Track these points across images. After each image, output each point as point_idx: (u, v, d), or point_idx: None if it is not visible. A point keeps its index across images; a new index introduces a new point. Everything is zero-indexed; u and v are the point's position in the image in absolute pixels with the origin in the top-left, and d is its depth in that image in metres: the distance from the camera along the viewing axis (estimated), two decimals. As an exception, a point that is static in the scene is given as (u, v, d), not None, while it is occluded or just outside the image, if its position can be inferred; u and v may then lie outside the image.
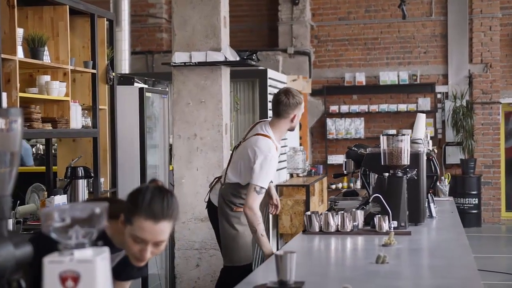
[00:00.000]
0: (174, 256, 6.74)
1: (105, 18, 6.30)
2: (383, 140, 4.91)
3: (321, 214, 4.72)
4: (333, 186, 13.48)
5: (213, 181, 5.34)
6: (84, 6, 5.88)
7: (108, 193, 6.32)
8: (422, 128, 6.22)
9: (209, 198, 5.28)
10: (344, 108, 13.87)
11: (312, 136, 14.09)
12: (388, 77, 13.73)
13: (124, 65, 10.85)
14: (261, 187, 4.87)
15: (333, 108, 13.91)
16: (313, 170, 11.42)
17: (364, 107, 13.79)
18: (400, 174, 4.89)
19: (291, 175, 10.90)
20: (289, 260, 3.03)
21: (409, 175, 4.98)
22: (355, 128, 13.82)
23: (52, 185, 5.99)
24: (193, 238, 6.64)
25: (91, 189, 6.00)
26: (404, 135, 4.92)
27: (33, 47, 5.16)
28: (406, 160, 4.87)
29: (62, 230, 1.92)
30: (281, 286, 3.03)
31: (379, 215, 4.66)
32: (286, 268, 3.03)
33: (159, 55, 13.60)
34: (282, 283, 3.04)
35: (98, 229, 1.96)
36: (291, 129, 5.13)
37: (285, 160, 10.38)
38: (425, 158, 5.23)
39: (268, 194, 5.59)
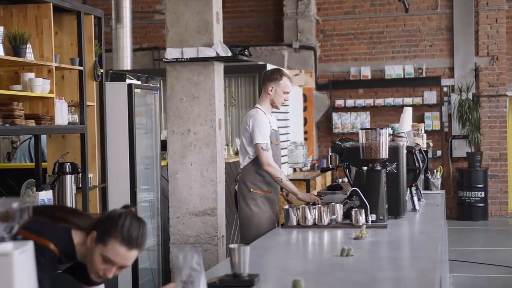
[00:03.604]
0: (169, 250, 6.79)
1: (92, 16, 6.34)
2: (361, 134, 4.92)
3: (298, 208, 4.75)
4: (339, 180, 13.45)
5: (236, 175, 5.79)
6: (70, 4, 5.91)
7: (98, 188, 6.38)
8: (408, 121, 6.24)
9: (235, 190, 5.76)
10: (350, 102, 13.86)
11: (318, 131, 14.09)
12: (393, 70, 13.69)
13: (126, 62, 10.86)
14: (266, 144, 5.44)
15: (339, 102, 13.90)
16: (316, 165, 11.43)
17: (369, 101, 13.77)
18: (378, 167, 4.90)
19: (294, 170, 10.93)
20: (242, 253, 3.07)
21: (388, 169, 4.99)
22: (361, 122, 13.78)
23: (42, 181, 6.06)
24: (187, 233, 6.67)
25: (80, 185, 6.06)
26: (382, 129, 4.93)
27: (15, 45, 5.21)
28: (384, 153, 4.88)
29: (-18, 224, 1.98)
30: (235, 278, 3.07)
31: (356, 209, 4.68)
32: (240, 261, 3.07)
33: (165, 51, 13.63)
34: (236, 275, 3.08)
35: (19, 223, 2.02)
36: (273, 104, 5.63)
37: (286, 155, 10.41)
38: (405, 151, 5.23)
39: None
